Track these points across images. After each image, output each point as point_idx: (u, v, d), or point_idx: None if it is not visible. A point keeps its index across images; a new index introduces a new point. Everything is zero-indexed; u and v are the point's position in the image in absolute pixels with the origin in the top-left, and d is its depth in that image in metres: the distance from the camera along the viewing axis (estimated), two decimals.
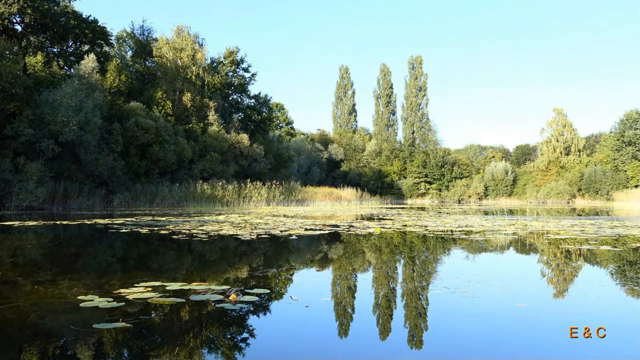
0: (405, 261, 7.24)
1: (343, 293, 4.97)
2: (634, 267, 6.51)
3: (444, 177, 63.70)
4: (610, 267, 6.55)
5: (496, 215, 21.23)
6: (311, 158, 57.47)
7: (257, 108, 46.38)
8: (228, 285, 4.90)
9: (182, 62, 37.78)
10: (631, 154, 55.04)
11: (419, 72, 72.24)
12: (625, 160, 55.42)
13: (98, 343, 3.18)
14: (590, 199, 56.32)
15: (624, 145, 56.05)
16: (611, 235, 10.61)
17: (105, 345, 3.18)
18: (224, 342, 3.30)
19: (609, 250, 7.98)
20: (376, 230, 11.69)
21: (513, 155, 78.85)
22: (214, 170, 34.90)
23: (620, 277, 5.77)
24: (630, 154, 55.11)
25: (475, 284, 5.12)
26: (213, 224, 13.51)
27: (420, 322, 3.81)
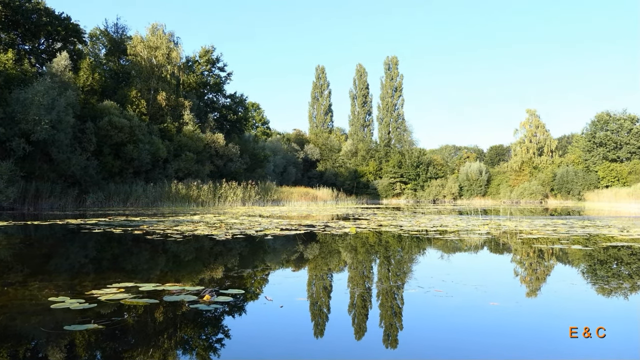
0: (381, 261, 7.27)
1: (319, 293, 4.97)
2: (604, 266, 6.62)
3: (419, 177, 64.10)
4: (582, 266, 6.65)
5: (470, 215, 21.44)
6: (287, 158, 57.39)
7: (233, 108, 46.14)
8: (203, 285, 4.87)
9: (157, 61, 37.43)
10: (602, 154, 56.05)
11: (395, 72, 72.58)
12: (597, 161, 56.41)
13: (70, 345, 3.14)
14: (562, 199, 57.20)
15: (595, 146, 57.03)
16: (582, 234, 10.78)
17: (77, 347, 3.13)
18: (199, 343, 3.28)
19: (580, 250, 8.11)
20: (352, 230, 11.72)
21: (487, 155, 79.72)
22: (189, 170, 34.64)
23: (591, 276, 5.87)
24: (601, 155, 56.11)
25: (449, 283, 5.16)
26: (188, 224, 13.41)
27: (395, 322, 3.83)
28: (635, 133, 54.94)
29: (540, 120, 68.60)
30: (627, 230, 11.74)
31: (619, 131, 55.78)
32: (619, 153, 55.21)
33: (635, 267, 6.62)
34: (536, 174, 61.72)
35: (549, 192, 59.46)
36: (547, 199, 59.14)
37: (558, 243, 9.10)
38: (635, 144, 54.62)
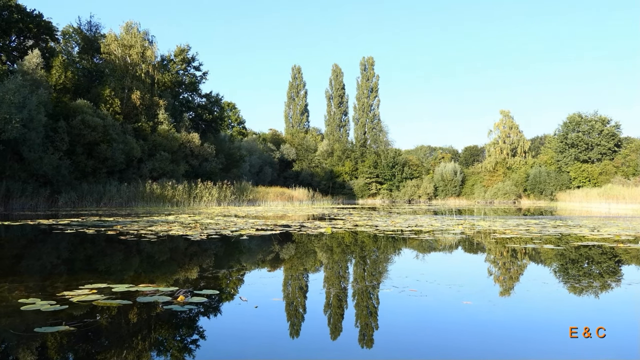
0: (356, 261, 7.29)
1: (294, 293, 4.97)
2: (575, 265, 6.73)
3: (394, 177, 64.42)
4: (554, 265, 6.75)
5: (445, 215, 21.62)
6: (263, 158, 57.22)
7: (209, 107, 45.84)
8: (177, 286, 4.83)
9: (131, 60, 37.02)
10: (574, 155, 56.94)
11: (371, 73, 72.84)
12: (568, 162, 57.31)
13: (41, 347, 3.09)
14: (535, 199, 57.99)
15: (567, 147, 57.93)
16: (554, 234, 10.94)
17: (49, 349, 3.08)
18: (173, 344, 3.25)
19: (552, 249, 8.23)
20: (327, 230, 11.74)
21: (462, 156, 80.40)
22: (163, 170, 34.32)
23: (563, 275, 5.96)
24: (572, 156, 57.01)
25: (423, 282, 5.20)
26: (162, 224, 13.30)
27: (371, 321, 3.84)
28: (606, 134, 55.94)
29: (514, 121, 69.49)
30: (597, 230, 11.95)
31: (590, 132, 56.74)
32: (590, 154, 56.17)
33: (606, 266, 6.74)
34: (510, 175, 62.46)
35: (522, 192, 60.22)
36: (520, 199, 59.89)
37: (531, 243, 9.22)
38: (606, 145, 55.61)
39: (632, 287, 5.10)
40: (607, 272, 6.15)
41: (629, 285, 5.17)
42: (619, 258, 7.45)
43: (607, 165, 54.38)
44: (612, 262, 7.06)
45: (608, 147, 55.91)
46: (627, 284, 5.26)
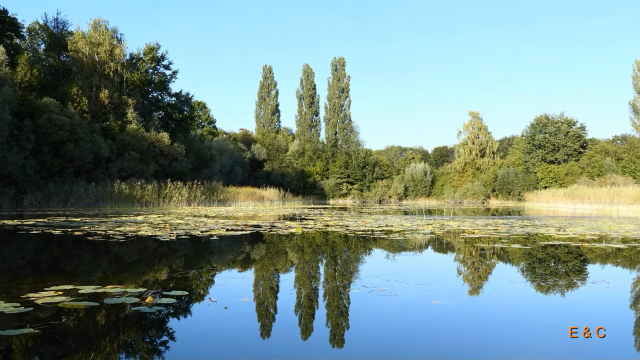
0: (327, 261, 7.31)
1: (265, 293, 4.95)
2: (542, 264, 6.85)
3: (365, 177, 64.69)
4: (521, 264, 6.86)
5: (415, 215, 21.80)
6: (234, 158, 56.89)
7: (178, 106, 45.41)
8: (146, 287, 4.78)
9: (99, 58, 36.45)
10: (541, 156, 57.96)
11: (342, 73, 73.05)
12: (536, 163, 58.31)
13: (5, 350, 3.02)
14: (503, 199, 58.85)
15: (534, 148, 58.93)
16: (522, 234, 11.13)
17: (14, 352, 3.02)
18: (142, 346, 3.21)
19: (520, 249, 8.36)
20: (298, 230, 11.74)
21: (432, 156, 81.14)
22: (132, 170, 33.89)
23: (530, 274, 6.06)
24: (540, 157, 58.02)
25: (393, 282, 5.23)
26: (131, 224, 13.14)
27: (341, 321, 3.85)
28: (572, 136, 57.07)
29: (483, 122, 70.40)
30: (563, 230, 12.19)
31: (557, 134, 57.82)
32: (557, 155, 57.22)
33: (572, 265, 6.88)
34: (478, 175, 63.26)
35: (491, 192, 61.06)
36: (488, 199, 60.70)
37: (499, 242, 9.35)
38: (572, 146, 56.74)
39: (597, 285, 5.21)
40: (573, 271, 6.27)
41: (594, 284, 5.28)
42: (584, 257, 7.61)
43: (573, 166, 55.49)
44: (578, 261, 7.21)
45: (574, 148, 57.07)
46: (591, 283, 5.37)
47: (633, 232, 11.51)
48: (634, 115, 57.93)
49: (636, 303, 4.61)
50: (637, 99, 57.32)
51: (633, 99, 57.70)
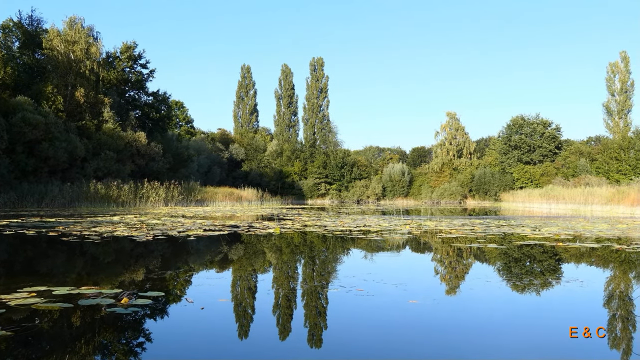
0: (305, 261, 7.31)
1: (243, 294, 4.94)
2: (518, 264, 6.93)
3: (343, 177, 64.79)
4: (497, 264, 6.93)
5: (393, 215, 21.91)
6: (211, 158, 56.55)
7: (156, 106, 45.00)
8: (122, 288, 4.73)
9: (74, 56, 35.95)
10: (517, 157, 58.61)
11: (320, 73, 73.06)
12: (512, 163, 58.95)
13: None
14: (480, 200, 59.39)
15: (510, 149, 59.57)
16: (498, 234, 11.24)
17: None
18: (118, 348, 3.18)
19: (496, 248, 8.45)
20: (276, 230, 11.73)
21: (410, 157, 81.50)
22: (109, 170, 33.50)
23: (506, 273, 6.13)
24: (516, 157, 58.66)
25: (370, 282, 5.25)
26: (107, 225, 13.00)
27: (319, 321, 3.86)
28: (547, 137, 57.80)
29: (460, 123, 70.92)
30: (538, 230, 12.35)
31: (533, 135, 58.49)
32: (532, 156, 57.90)
33: (547, 264, 6.97)
34: (456, 175, 63.74)
35: (468, 192, 61.55)
36: (465, 199, 61.20)
37: (475, 242, 9.44)
38: (547, 147, 57.47)
39: (570, 284, 5.29)
40: (548, 270, 6.36)
41: (568, 283, 5.36)
42: (559, 257, 7.72)
43: (548, 166, 56.20)
44: (553, 261, 7.31)
45: (549, 149, 57.82)
46: (565, 282, 5.45)
47: (606, 232, 11.71)
48: (607, 117, 58.96)
49: (609, 301, 4.69)
50: (610, 101, 58.34)
51: (606, 100, 58.73)
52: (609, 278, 6.00)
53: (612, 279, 5.93)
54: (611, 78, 58.33)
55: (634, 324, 3.73)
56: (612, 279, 5.93)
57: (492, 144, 68.50)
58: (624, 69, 57.66)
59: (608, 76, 58.62)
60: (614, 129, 57.83)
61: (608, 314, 4.20)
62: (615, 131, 57.38)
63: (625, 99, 57.23)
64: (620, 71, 57.78)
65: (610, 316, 4.10)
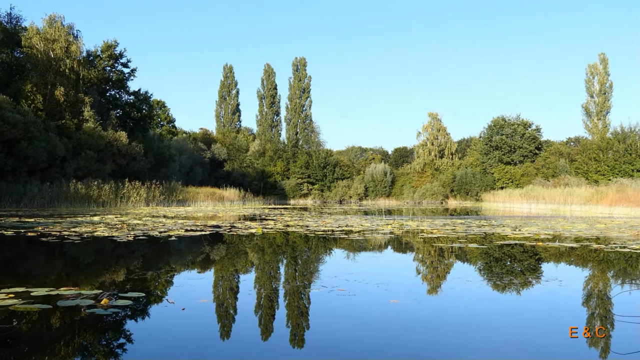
0: (287, 261, 7.31)
1: (224, 294, 4.92)
2: (498, 263, 6.99)
3: (326, 177, 64.82)
4: (478, 263, 6.99)
5: (375, 215, 21.97)
6: (193, 157, 56.24)
7: (137, 105, 44.65)
8: (102, 289, 4.69)
9: (54, 54, 35.54)
10: (498, 157, 59.09)
11: (303, 73, 73.01)
12: (493, 164, 59.43)
13: None
14: (461, 200, 59.79)
15: (491, 149, 60.05)
16: (479, 233, 11.33)
17: None
18: (98, 349, 3.15)
19: (477, 248, 8.51)
20: (258, 230, 11.71)
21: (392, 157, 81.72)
22: (89, 169, 33.17)
23: (487, 273, 6.18)
24: (497, 158, 59.15)
25: (352, 282, 5.26)
26: (87, 225, 12.87)
27: (302, 321, 3.86)
28: (528, 138, 58.35)
29: (442, 123, 71.32)
30: (519, 229, 12.46)
31: (513, 135, 59.00)
32: (513, 156, 58.42)
33: (527, 263, 7.04)
34: (437, 176, 64.08)
35: (449, 192, 61.91)
36: (447, 199, 61.55)
37: (456, 242, 9.50)
38: (528, 147, 58.01)
39: (550, 283, 5.35)
40: (528, 269, 6.42)
41: (547, 282, 5.42)
42: (538, 256, 7.80)
43: (529, 167, 56.75)
44: (532, 260, 7.38)
45: (529, 149, 58.38)
46: (545, 281, 5.51)
47: (585, 232, 11.86)
48: (586, 118, 59.68)
49: (588, 300, 4.75)
50: (589, 102, 59.06)
51: (586, 102, 59.43)
52: (588, 277, 6.08)
53: (591, 278, 6.00)
54: (590, 80, 59.07)
55: (612, 323, 3.78)
56: (590, 278, 6.01)
57: (473, 144, 68.99)
58: (602, 70, 58.41)
59: (587, 78, 59.36)
60: (593, 130, 58.56)
61: (587, 312, 4.25)
62: (594, 132, 58.10)
63: (604, 101, 57.98)
64: (599, 73, 58.51)
65: (588, 315, 4.16)
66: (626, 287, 5.23)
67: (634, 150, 45.84)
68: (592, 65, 59.20)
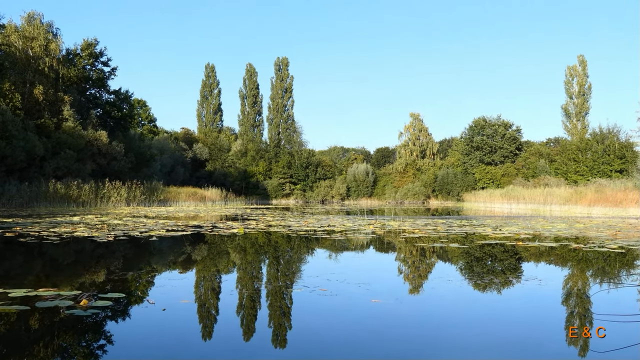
0: (269, 261, 7.29)
1: (206, 295, 4.90)
2: (479, 263, 7.04)
3: (308, 177, 64.83)
4: (459, 263, 7.03)
5: (357, 215, 22.01)
6: (175, 157, 55.89)
7: (117, 104, 44.28)
8: (82, 290, 4.64)
9: (33, 52, 35.11)
10: (479, 158, 59.55)
11: (285, 73, 72.96)
12: (474, 164, 59.87)
13: None
14: (443, 200, 60.16)
15: (472, 149, 60.50)
16: (460, 233, 11.41)
17: None
18: (78, 350, 3.12)
19: (458, 248, 8.57)
20: (240, 230, 11.67)
21: (374, 157, 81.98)
22: (68, 169, 32.82)
23: (467, 272, 6.23)
24: (477, 158, 59.61)
25: (334, 282, 5.27)
26: (66, 225, 12.73)
27: (284, 322, 3.85)
28: (508, 138, 58.88)
29: (424, 124, 71.70)
30: (499, 229, 12.57)
31: (494, 136, 59.49)
32: (494, 157, 58.91)
33: (507, 263, 7.10)
34: (419, 176, 64.41)
35: (431, 192, 62.26)
36: (429, 199, 61.89)
37: (438, 241, 9.56)
38: (508, 148, 58.55)
39: (529, 282, 5.40)
40: (508, 269, 6.48)
41: (527, 282, 5.47)
42: (519, 256, 7.87)
43: (509, 167, 57.26)
44: (513, 260, 7.45)
45: (510, 150, 58.91)
46: (525, 280, 5.56)
47: (564, 232, 12.00)
48: (565, 119, 60.38)
49: (567, 299, 4.80)
50: (568, 104, 59.76)
51: (565, 103, 60.14)
52: (567, 276, 6.15)
53: (570, 277, 6.07)
54: (569, 81, 59.78)
55: (591, 321, 3.83)
56: (569, 277, 6.08)
57: (454, 144, 69.39)
58: (581, 72, 59.14)
59: (566, 79, 60.06)
60: (572, 131, 59.26)
61: (566, 311, 4.30)
62: (573, 133, 58.80)
63: (583, 102, 58.71)
64: (578, 74, 59.24)
65: (568, 313, 4.20)
66: (604, 286, 5.30)
67: (612, 151, 46.48)
68: (572, 67, 59.93)
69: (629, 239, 10.15)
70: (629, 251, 8.16)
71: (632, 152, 45.73)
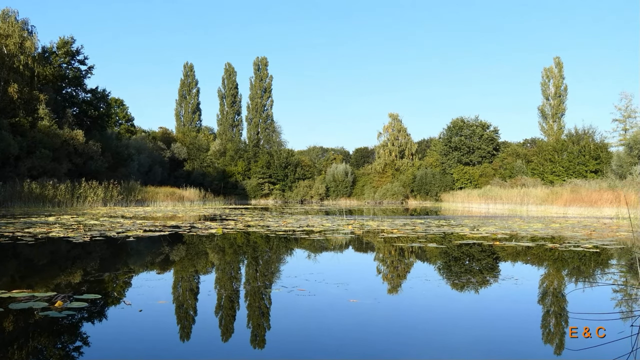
0: (248, 262, 7.27)
1: (184, 295, 4.87)
2: (457, 263, 7.10)
3: (287, 177, 64.76)
4: (437, 262, 7.08)
5: (336, 215, 22.05)
6: (153, 157, 55.43)
7: (94, 103, 43.77)
8: (57, 291, 4.58)
9: (7, 50, 34.56)
10: (457, 158, 60.02)
11: (264, 73, 72.76)
12: (452, 164, 60.33)
13: None
14: (421, 200, 60.51)
15: (450, 150, 60.95)
16: (438, 233, 11.48)
17: None
18: (53, 352, 3.08)
19: (436, 248, 8.63)
20: (218, 231, 11.62)
21: (353, 157, 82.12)
22: (44, 168, 32.37)
23: (445, 272, 6.27)
24: (456, 159, 60.07)
25: (312, 282, 5.27)
26: (42, 225, 12.56)
27: (262, 322, 3.84)
28: (486, 139, 59.46)
29: (402, 124, 72.01)
30: (477, 229, 12.68)
31: (472, 137, 60.01)
32: (472, 157, 59.44)
33: (484, 262, 7.17)
34: (398, 176, 64.71)
35: (410, 193, 62.58)
36: (407, 199, 62.20)
37: (416, 241, 9.61)
38: (486, 148, 59.12)
39: (506, 282, 5.46)
40: (485, 268, 6.54)
41: (504, 281, 5.53)
42: (496, 255, 7.95)
43: (487, 167, 57.81)
44: (490, 259, 7.52)
45: (487, 150, 59.47)
46: (502, 279, 5.62)
47: (540, 231, 12.14)
48: (542, 120, 61.17)
49: (543, 298, 4.86)
50: (545, 105, 60.53)
51: (541, 104, 60.91)
52: (543, 276, 6.23)
53: (546, 276, 6.15)
54: (546, 83, 60.54)
55: (566, 320, 3.88)
56: (545, 276, 6.16)
57: (433, 145, 69.87)
58: (557, 74, 59.94)
59: (543, 81, 60.81)
60: (549, 132, 60.03)
61: (542, 310, 4.35)
62: (550, 134, 59.57)
63: (559, 103, 59.51)
64: (555, 76, 60.03)
65: (544, 312, 4.26)
66: (580, 285, 5.38)
67: (588, 152, 47.16)
68: (548, 68, 60.70)
69: (604, 238, 10.31)
70: (604, 251, 8.28)
71: (606, 152, 46.44)
